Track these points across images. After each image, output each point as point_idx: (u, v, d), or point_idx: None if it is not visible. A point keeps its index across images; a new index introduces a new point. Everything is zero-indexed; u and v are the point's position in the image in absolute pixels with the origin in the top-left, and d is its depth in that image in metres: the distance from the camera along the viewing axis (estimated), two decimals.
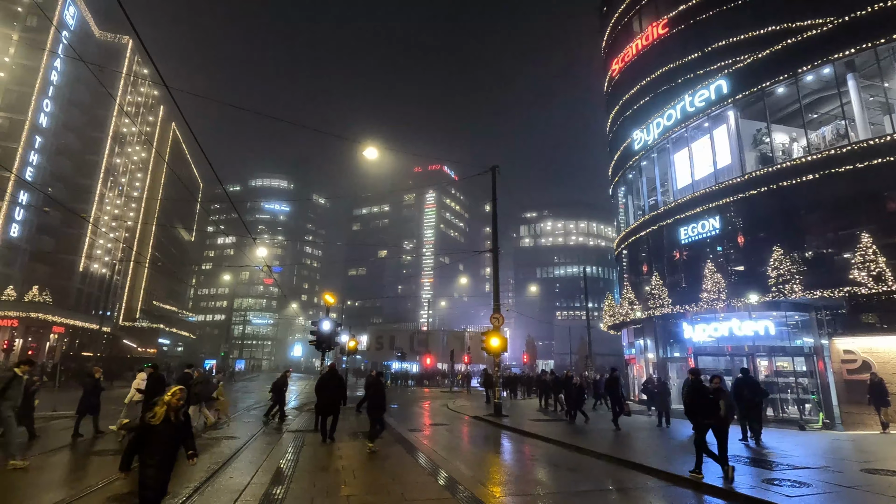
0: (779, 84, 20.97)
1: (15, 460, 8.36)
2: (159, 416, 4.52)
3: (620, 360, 41.52)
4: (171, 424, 4.59)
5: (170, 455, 4.61)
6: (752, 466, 9.57)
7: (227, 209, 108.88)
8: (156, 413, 4.54)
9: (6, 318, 39.69)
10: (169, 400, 4.62)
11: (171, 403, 4.62)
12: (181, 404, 4.71)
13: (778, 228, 20.23)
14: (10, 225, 43.20)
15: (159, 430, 4.50)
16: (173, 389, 4.73)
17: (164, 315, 74.96)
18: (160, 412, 4.54)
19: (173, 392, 4.69)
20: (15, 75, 45.35)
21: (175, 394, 4.69)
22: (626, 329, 30.73)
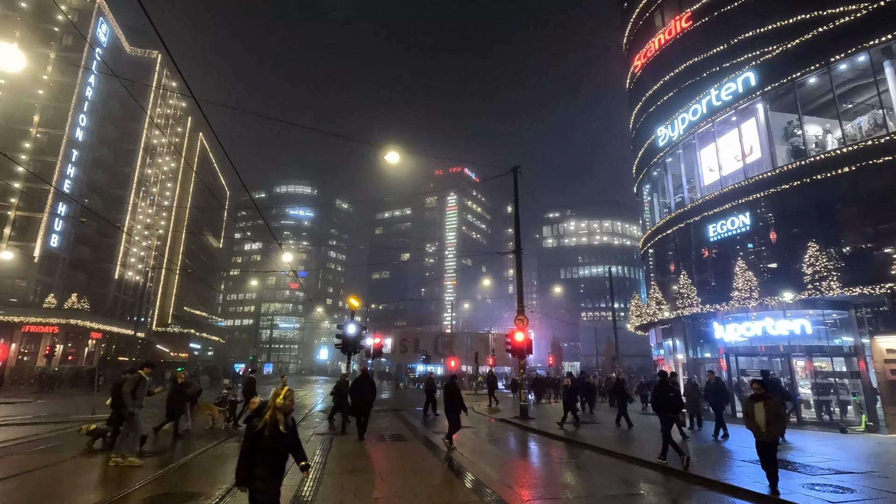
0: (810, 74, 20.25)
1: (132, 458, 8.93)
2: (270, 423, 4.10)
3: (648, 362, 40.72)
4: (281, 430, 4.15)
5: (280, 463, 4.22)
6: (792, 471, 9.22)
7: (253, 216, 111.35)
8: (264, 419, 4.12)
9: (48, 325, 41.42)
10: (277, 403, 4.18)
11: (281, 407, 4.18)
12: (291, 408, 4.27)
13: (812, 223, 19.50)
14: (51, 236, 45.10)
15: (271, 436, 4.08)
16: (283, 392, 4.26)
17: (195, 320, 77.04)
18: (270, 417, 4.13)
19: (283, 394, 4.24)
20: (52, 93, 47.42)
21: (282, 396, 4.23)
22: (654, 329, 30.11)
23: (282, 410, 4.18)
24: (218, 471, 8.97)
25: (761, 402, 7.59)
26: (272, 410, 4.16)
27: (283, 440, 4.16)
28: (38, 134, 46.26)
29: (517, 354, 18.62)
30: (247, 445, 4.07)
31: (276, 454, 4.14)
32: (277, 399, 4.20)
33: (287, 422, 4.23)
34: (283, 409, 4.20)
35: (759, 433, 7.51)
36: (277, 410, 4.16)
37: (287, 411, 4.21)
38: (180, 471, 8.81)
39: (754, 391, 7.81)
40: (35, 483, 8.00)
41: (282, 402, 4.20)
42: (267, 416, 4.14)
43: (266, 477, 4.05)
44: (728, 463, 10.31)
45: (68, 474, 8.74)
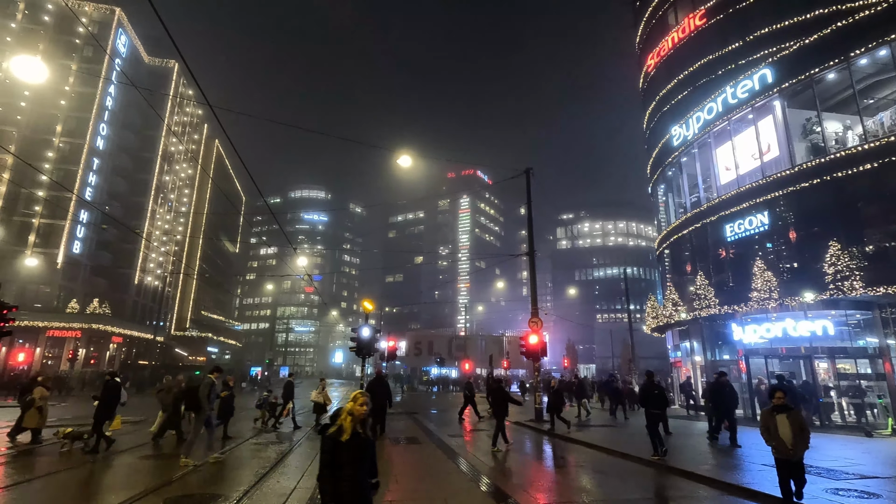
0: (829, 70, 19.87)
1: (187, 459, 9.22)
2: (347, 430, 3.67)
3: (665, 364, 40.14)
4: (361, 438, 3.72)
5: (364, 472, 3.76)
6: (815, 475, 9.01)
7: (268, 221, 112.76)
8: (341, 426, 3.69)
9: (71, 330, 42.40)
10: (352, 409, 3.73)
11: (356, 413, 3.72)
12: (367, 413, 3.80)
13: (833, 222, 19.08)
14: (73, 242, 46.22)
15: (348, 445, 3.65)
16: (353, 394, 3.86)
17: (212, 324, 78.19)
18: (347, 425, 3.69)
19: (354, 397, 3.81)
20: (74, 103, 48.69)
21: (357, 399, 3.78)
22: (671, 331, 29.69)
23: (356, 417, 3.72)
24: (236, 473, 9.09)
25: (784, 413, 6.49)
26: (346, 416, 3.72)
27: (363, 450, 3.71)
28: (61, 143, 47.51)
29: (531, 357, 18.52)
30: (326, 458, 3.64)
31: (359, 463, 3.69)
32: (352, 404, 3.76)
33: (366, 430, 3.78)
34: (358, 414, 3.72)
35: (783, 450, 6.40)
36: (352, 416, 3.71)
37: (361, 417, 3.75)
38: (200, 473, 8.94)
39: (776, 401, 6.65)
40: (60, 484, 8.19)
41: (356, 407, 3.73)
42: (342, 422, 3.70)
43: (351, 491, 3.61)
44: (748, 466, 10.11)
45: (92, 475, 8.94)
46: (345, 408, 3.78)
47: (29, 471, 8.98)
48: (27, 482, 8.06)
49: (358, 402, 3.75)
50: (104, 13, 52.01)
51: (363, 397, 3.79)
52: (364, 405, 3.75)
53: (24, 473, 8.69)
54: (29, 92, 46.26)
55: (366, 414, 3.76)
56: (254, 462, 10.07)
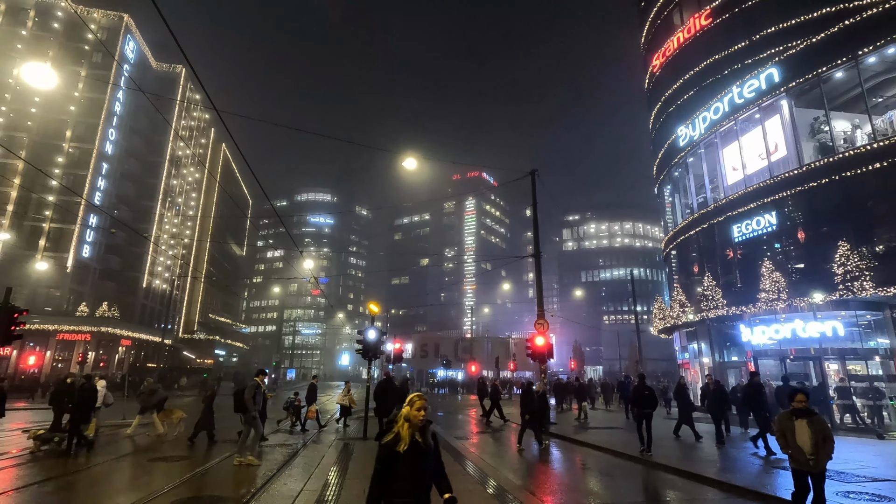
0: (837, 68, 19.71)
1: (250, 457, 9.69)
2: (405, 439, 3.25)
3: (673, 365, 39.90)
4: (421, 448, 3.29)
5: (424, 488, 3.35)
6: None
7: (275, 224, 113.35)
8: (398, 434, 3.28)
9: (80, 333, 42.82)
10: (409, 414, 3.32)
11: (413, 419, 3.30)
12: (426, 419, 3.37)
13: (842, 222, 18.90)
14: (82, 246, 46.71)
15: (406, 457, 3.23)
16: (410, 398, 3.42)
17: (220, 327, 78.61)
18: (405, 433, 3.27)
19: (411, 401, 3.38)
20: (83, 108, 49.25)
21: (413, 403, 3.36)
22: (678, 332, 29.52)
23: (414, 423, 3.30)
24: (244, 475, 9.13)
25: (804, 419, 5.74)
26: (403, 423, 3.30)
27: (422, 461, 3.28)
28: (71, 148, 48.06)
29: (538, 359, 18.46)
30: (379, 468, 3.25)
31: (416, 479, 3.26)
32: (409, 409, 3.35)
33: (426, 438, 3.35)
34: (416, 421, 3.30)
35: (802, 461, 5.67)
36: (409, 423, 3.30)
37: (420, 424, 3.32)
38: (206, 475, 8.99)
39: (795, 405, 5.86)
40: (69, 486, 8.28)
41: (413, 412, 3.32)
42: (398, 429, 3.30)
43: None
44: (758, 469, 10.02)
45: (101, 477, 9.02)
46: (401, 413, 3.37)
47: (46, 471, 9.08)
48: (39, 483, 8.16)
49: (415, 407, 3.32)
50: (112, 20, 52.62)
51: (420, 401, 3.36)
52: (422, 410, 3.34)
53: (40, 473, 8.80)
54: (39, 98, 46.87)
55: (425, 420, 3.35)
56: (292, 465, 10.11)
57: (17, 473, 9.05)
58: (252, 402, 9.98)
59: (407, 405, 3.37)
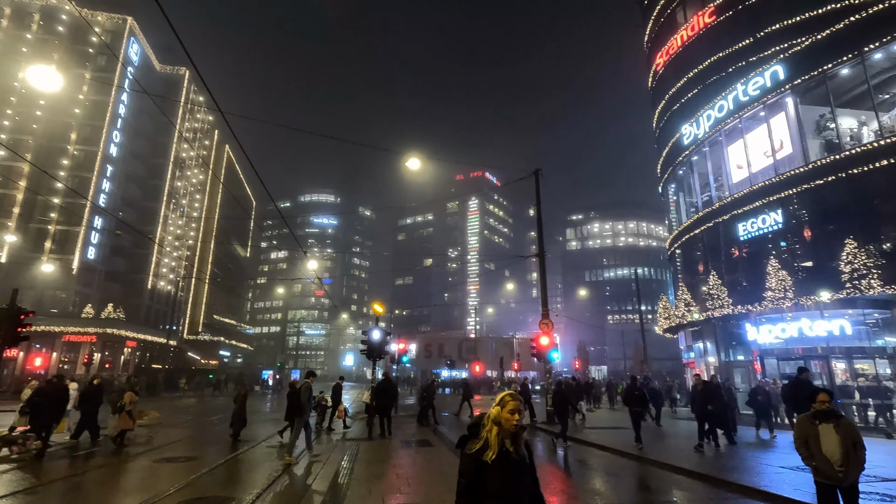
0: (842, 65, 19.56)
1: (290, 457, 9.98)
2: (493, 447, 2.70)
3: (678, 365, 39.72)
4: (512, 459, 2.73)
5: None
6: None
7: (279, 225, 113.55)
8: (486, 441, 2.73)
9: (86, 334, 43.01)
10: (498, 416, 2.74)
11: (504, 423, 2.73)
12: (520, 424, 2.78)
13: (849, 219, 18.75)
14: (88, 248, 46.94)
15: (497, 468, 2.67)
16: (501, 396, 2.83)
17: (224, 328, 78.86)
18: (493, 439, 2.71)
19: (502, 401, 2.79)
20: (88, 111, 49.51)
21: (505, 403, 2.78)
22: (684, 332, 29.38)
23: (504, 429, 2.74)
24: (250, 475, 9.14)
25: (830, 423, 4.90)
26: (491, 426, 2.75)
27: (515, 475, 2.72)
28: (76, 151, 48.31)
29: (543, 359, 18.43)
30: (464, 483, 2.74)
31: (509, 497, 2.69)
32: (498, 410, 2.77)
33: (519, 447, 2.77)
34: (507, 426, 2.74)
35: (829, 473, 4.81)
36: (499, 427, 2.74)
37: (513, 430, 2.74)
38: (213, 475, 9.00)
39: (818, 406, 4.99)
40: (75, 488, 8.29)
41: (504, 415, 2.74)
42: (486, 435, 2.75)
43: None
44: (763, 469, 9.95)
45: (107, 478, 9.05)
46: (488, 415, 2.79)
47: (52, 472, 9.11)
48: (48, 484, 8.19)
49: (507, 408, 2.73)
50: (116, 23, 52.88)
51: (513, 401, 2.75)
52: (515, 412, 2.72)
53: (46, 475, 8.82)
54: (44, 101, 47.14)
55: (518, 425, 2.74)
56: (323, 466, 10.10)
57: (23, 475, 9.08)
58: (308, 403, 10.56)
59: (497, 405, 2.77)
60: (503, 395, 2.82)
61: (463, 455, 2.78)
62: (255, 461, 10.59)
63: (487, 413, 2.81)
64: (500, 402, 2.79)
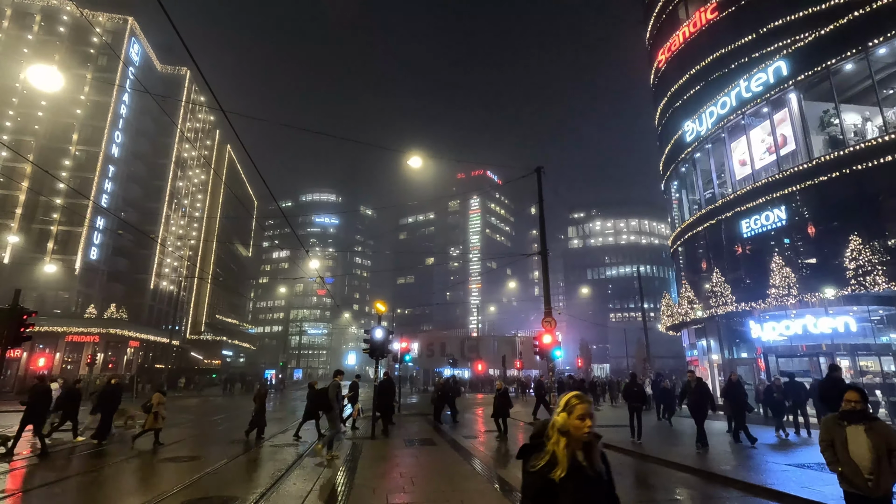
0: (846, 60, 19.43)
1: (332, 452, 10.41)
2: (562, 461, 2.25)
3: (681, 363, 39.63)
4: (586, 475, 2.29)
5: None
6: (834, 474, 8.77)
7: (280, 224, 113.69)
8: (553, 456, 2.28)
9: (89, 335, 43.09)
10: (565, 424, 2.31)
11: (573, 431, 2.30)
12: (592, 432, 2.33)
13: (854, 216, 18.64)
14: (90, 249, 47.02)
15: (567, 487, 2.24)
16: (565, 399, 2.38)
17: (227, 328, 78.95)
18: (561, 452, 2.27)
19: (567, 405, 2.35)
20: (89, 111, 49.57)
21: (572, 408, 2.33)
22: (687, 329, 29.28)
23: (574, 438, 2.30)
24: (253, 475, 9.12)
25: (861, 425, 4.24)
26: (558, 437, 2.30)
27: (591, 493, 2.28)
28: (77, 151, 48.38)
29: (545, 357, 18.37)
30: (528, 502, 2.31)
31: None
32: (565, 417, 2.32)
33: (594, 459, 2.32)
34: (577, 435, 2.30)
35: (858, 482, 4.16)
36: (567, 438, 2.29)
37: (585, 439, 2.31)
38: (216, 475, 8.98)
39: (845, 406, 4.37)
40: (79, 487, 8.28)
41: (572, 422, 2.30)
42: (552, 447, 2.30)
43: None
44: (765, 466, 9.89)
45: (112, 477, 9.03)
46: (553, 422, 2.35)
47: (56, 472, 9.10)
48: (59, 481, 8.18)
49: (575, 414, 2.30)
50: (117, 23, 52.90)
51: (583, 405, 2.32)
52: (586, 418, 2.30)
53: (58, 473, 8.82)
54: (46, 102, 47.20)
55: (591, 433, 2.31)
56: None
57: (26, 475, 9.08)
58: (336, 400, 10.93)
59: (563, 411, 2.33)
60: (568, 398, 2.38)
61: (525, 472, 2.34)
62: (259, 461, 10.57)
63: (551, 420, 2.36)
64: (566, 407, 2.34)
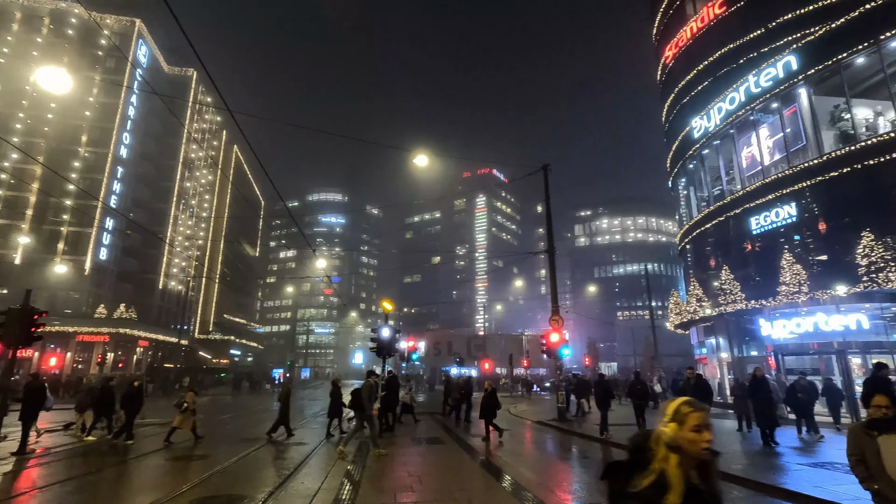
0: (858, 54, 19.14)
1: (379, 449, 10.79)
2: (675, 483, 1.84)
3: (689, 361, 39.34)
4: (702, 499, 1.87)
5: None
6: (845, 473, 8.64)
7: (287, 224, 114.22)
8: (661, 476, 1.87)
9: (99, 334, 43.53)
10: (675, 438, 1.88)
11: (686, 447, 1.87)
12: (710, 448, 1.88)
13: (866, 211, 18.36)
14: (100, 249, 47.48)
15: None
16: (673, 406, 1.95)
17: (235, 327, 79.44)
18: (674, 472, 1.86)
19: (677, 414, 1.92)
20: (98, 113, 50.03)
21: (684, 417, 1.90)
22: (695, 327, 29.05)
23: (689, 455, 1.87)
24: (261, 473, 9.14)
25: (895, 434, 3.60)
26: (666, 454, 1.88)
27: None
28: (86, 153, 48.85)
29: (553, 355, 18.31)
30: None
31: None
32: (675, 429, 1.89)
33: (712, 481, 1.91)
34: (692, 451, 1.86)
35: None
36: (680, 455, 1.87)
37: (701, 457, 1.88)
38: (225, 474, 9.01)
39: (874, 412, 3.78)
40: (90, 485, 8.34)
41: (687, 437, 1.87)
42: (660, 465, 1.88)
43: None
44: (777, 465, 9.78)
45: (121, 478, 9.10)
46: (658, 436, 1.91)
47: (67, 470, 9.19)
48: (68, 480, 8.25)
49: (688, 425, 1.85)
50: (125, 25, 53.32)
51: (697, 414, 1.87)
52: (703, 429, 1.84)
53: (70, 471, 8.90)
54: (55, 104, 47.70)
55: (709, 450, 1.85)
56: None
57: (39, 473, 9.17)
58: (369, 400, 11.19)
59: (671, 421, 1.89)
60: (678, 405, 1.93)
61: (618, 495, 1.90)
62: (267, 460, 10.60)
63: (655, 432, 1.93)
64: (676, 416, 1.89)
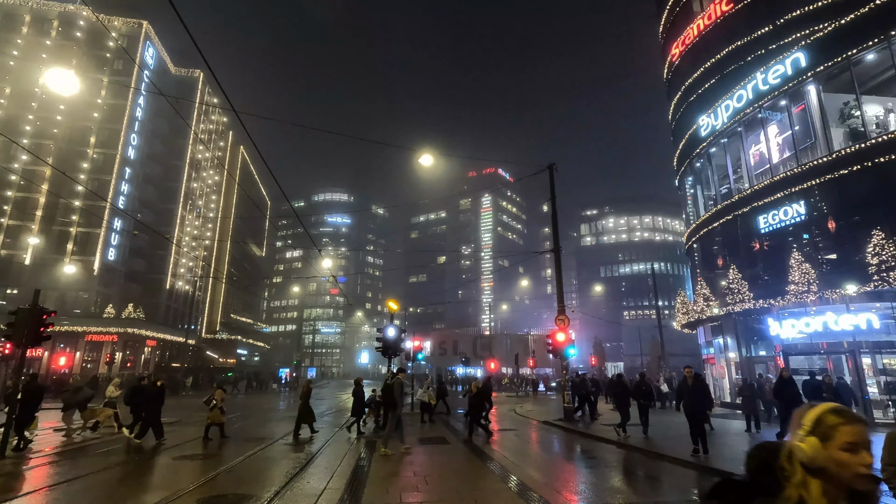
0: (867, 51, 18.91)
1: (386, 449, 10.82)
2: None
3: (697, 361, 39.08)
4: None
5: None
6: None
7: (293, 224, 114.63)
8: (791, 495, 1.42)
9: (108, 334, 43.91)
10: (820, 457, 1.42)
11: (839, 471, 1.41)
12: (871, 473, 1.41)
13: (876, 210, 18.14)
14: (108, 249, 47.87)
15: None
16: (818, 415, 1.48)
17: (241, 327, 79.86)
18: (817, 502, 1.40)
19: (819, 424, 1.46)
20: (106, 115, 50.44)
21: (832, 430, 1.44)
22: (703, 327, 28.84)
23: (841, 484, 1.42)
24: (267, 473, 9.17)
25: None
26: (806, 479, 1.45)
27: None
28: (95, 154, 49.26)
29: (559, 355, 18.24)
30: None
31: None
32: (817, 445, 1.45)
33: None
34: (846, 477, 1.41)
35: None
36: (823, 479, 1.43)
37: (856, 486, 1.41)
38: (231, 473, 9.04)
39: None
40: (98, 484, 8.39)
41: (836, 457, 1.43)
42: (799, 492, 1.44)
43: None
44: None
45: (128, 476, 9.15)
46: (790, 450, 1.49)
47: (75, 469, 9.25)
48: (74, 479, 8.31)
49: (837, 441, 1.43)
50: (132, 27, 53.70)
51: (850, 426, 1.45)
52: (859, 449, 1.43)
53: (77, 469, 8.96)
54: (64, 106, 48.12)
55: (870, 475, 1.42)
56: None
57: (48, 472, 9.24)
58: (400, 397, 11.22)
59: (809, 434, 1.48)
60: (821, 414, 1.49)
61: None
62: (273, 459, 10.63)
63: (786, 447, 1.51)
64: (818, 428, 1.47)
